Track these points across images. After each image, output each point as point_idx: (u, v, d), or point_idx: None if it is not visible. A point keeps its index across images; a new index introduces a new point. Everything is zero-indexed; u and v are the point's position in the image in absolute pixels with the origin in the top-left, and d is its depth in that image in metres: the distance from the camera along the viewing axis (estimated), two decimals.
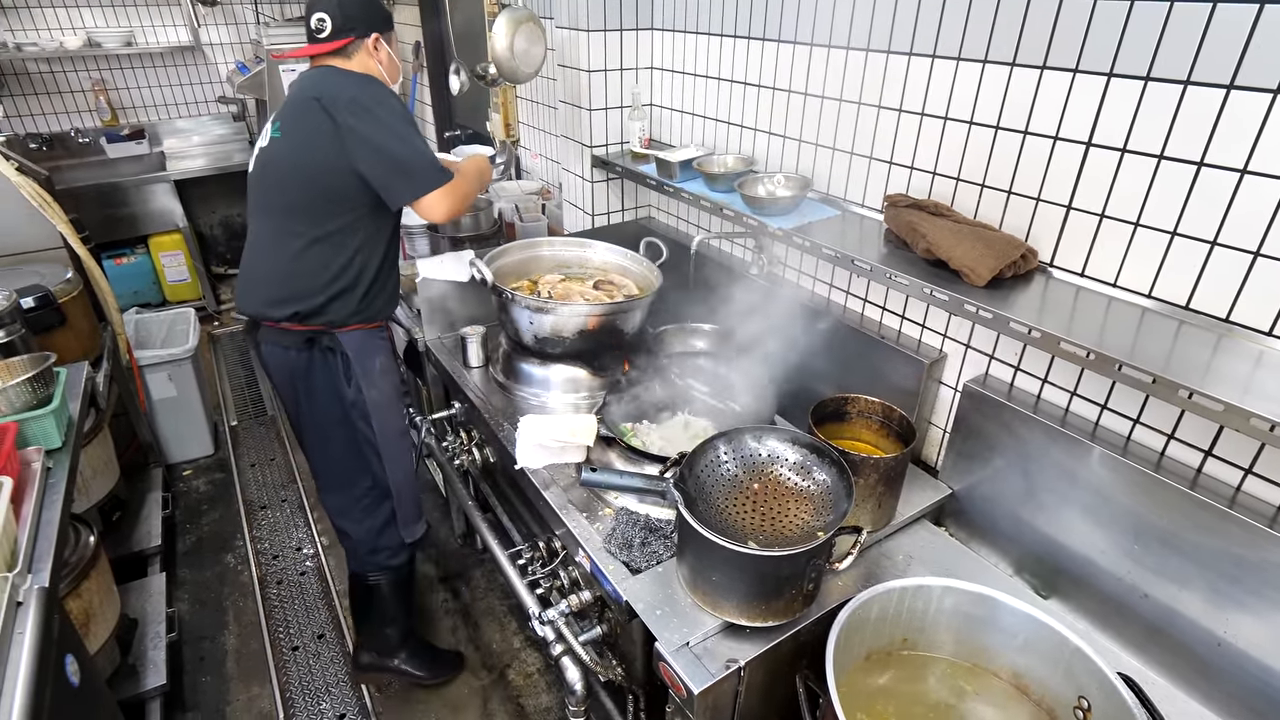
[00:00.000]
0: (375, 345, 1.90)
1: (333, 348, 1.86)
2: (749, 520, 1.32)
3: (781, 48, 1.81)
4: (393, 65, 1.90)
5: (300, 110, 1.74)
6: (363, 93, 1.71)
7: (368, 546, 2.07)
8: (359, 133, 1.67)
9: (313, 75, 1.82)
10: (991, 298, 1.31)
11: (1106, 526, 1.33)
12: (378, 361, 1.89)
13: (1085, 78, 1.23)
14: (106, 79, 4.41)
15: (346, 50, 1.81)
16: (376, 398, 1.89)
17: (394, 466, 1.97)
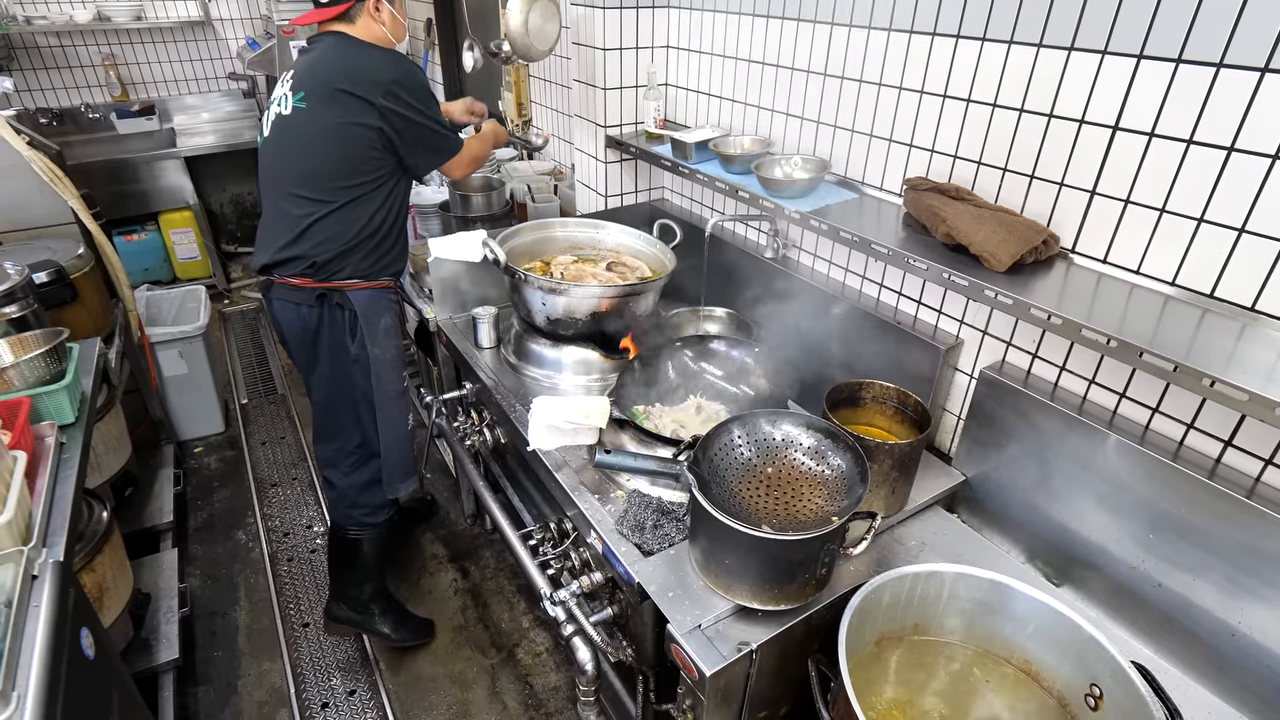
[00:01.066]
0: (383, 305, 1.96)
1: (342, 304, 1.92)
2: (763, 504, 1.31)
3: (800, 26, 1.78)
4: (396, 24, 1.92)
5: (329, 94, 1.79)
6: (396, 75, 1.78)
7: (348, 501, 2.14)
8: (399, 117, 1.79)
9: (327, 47, 1.85)
10: (1012, 283, 1.29)
11: (1122, 515, 1.32)
12: (383, 321, 1.96)
13: (1114, 59, 1.20)
14: (116, 54, 4.39)
15: (349, 14, 1.86)
16: (379, 355, 1.96)
17: (387, 425, 2.03)
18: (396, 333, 2.02)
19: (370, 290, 1.93)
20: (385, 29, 1.90)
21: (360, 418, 2.06)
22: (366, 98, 1.76)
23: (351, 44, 1.86)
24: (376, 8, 1.87)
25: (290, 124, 1.85)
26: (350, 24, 1.86)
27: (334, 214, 1.85)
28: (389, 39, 1.92)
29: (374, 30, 1.89)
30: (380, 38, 1.90)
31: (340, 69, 1.80)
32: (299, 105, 1.83)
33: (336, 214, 1.85)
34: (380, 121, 1.79)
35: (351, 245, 1.88)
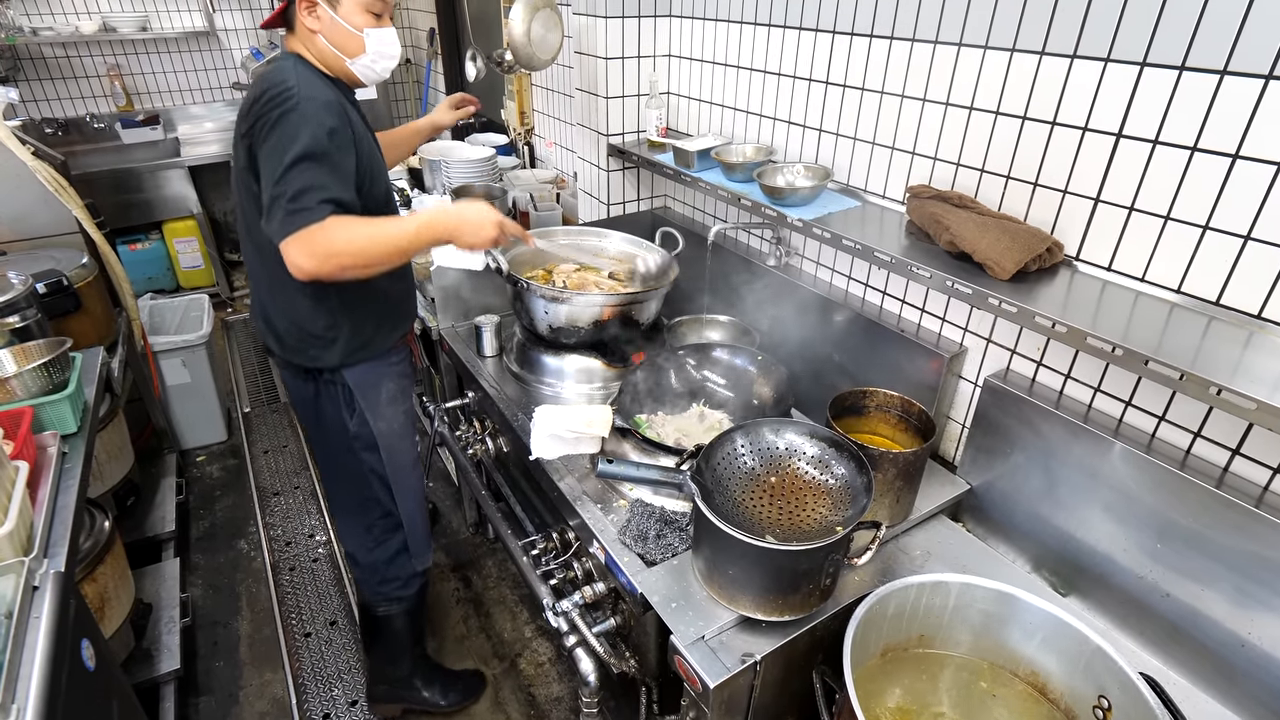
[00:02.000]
0: (381, 374, 1.73)
1: (333, 380, 1.70)
2: (766, 514, 1.31)
3: (802, 35, 1.78)
4: (339, 32, 1.47)
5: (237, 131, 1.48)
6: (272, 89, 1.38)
7: (378, 576, 1.96)
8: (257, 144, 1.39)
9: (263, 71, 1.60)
10: (1015, 291, 1.28)
11: (1128, 524, 1.31)
12: (384, 391, 1.74)
13: (1117, 67, 1.20)
14: (121, 64, 4.42)
15: (288, 19, 1.51)
16: (384, 429, 1.76)
17: (405, 498, 1.87)
18: (403, 398, 1.81)
19: (363, 365, 1.69)
20: (325, 40, 1.47)
21: (375, 492, 1.85)
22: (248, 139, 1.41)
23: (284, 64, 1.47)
24: (308, 10, 1.45)
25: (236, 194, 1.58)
26: (293, 34, 1.52)
27: (287, 296, 1.57)
28: (334, 54, 1.49)
29: (315, 43, 1.49)
30: (325, 54, 1.50)
31: (249, 100, 1.44)
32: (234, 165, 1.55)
33: (289, 296, 1.56)
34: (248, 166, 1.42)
35: (316, 337, 1.61)
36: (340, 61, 1.51)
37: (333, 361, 1.65)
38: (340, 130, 1.41)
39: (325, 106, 1.40)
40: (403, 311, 1.79)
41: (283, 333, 1.64)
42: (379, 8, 1.50)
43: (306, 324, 1.61)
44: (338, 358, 1.64)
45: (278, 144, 1.35)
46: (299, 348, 1.64)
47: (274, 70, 1.45)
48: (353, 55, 1.51)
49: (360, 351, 1.67)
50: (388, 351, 1.74)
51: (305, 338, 1.63)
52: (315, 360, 1.65)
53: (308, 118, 1.36)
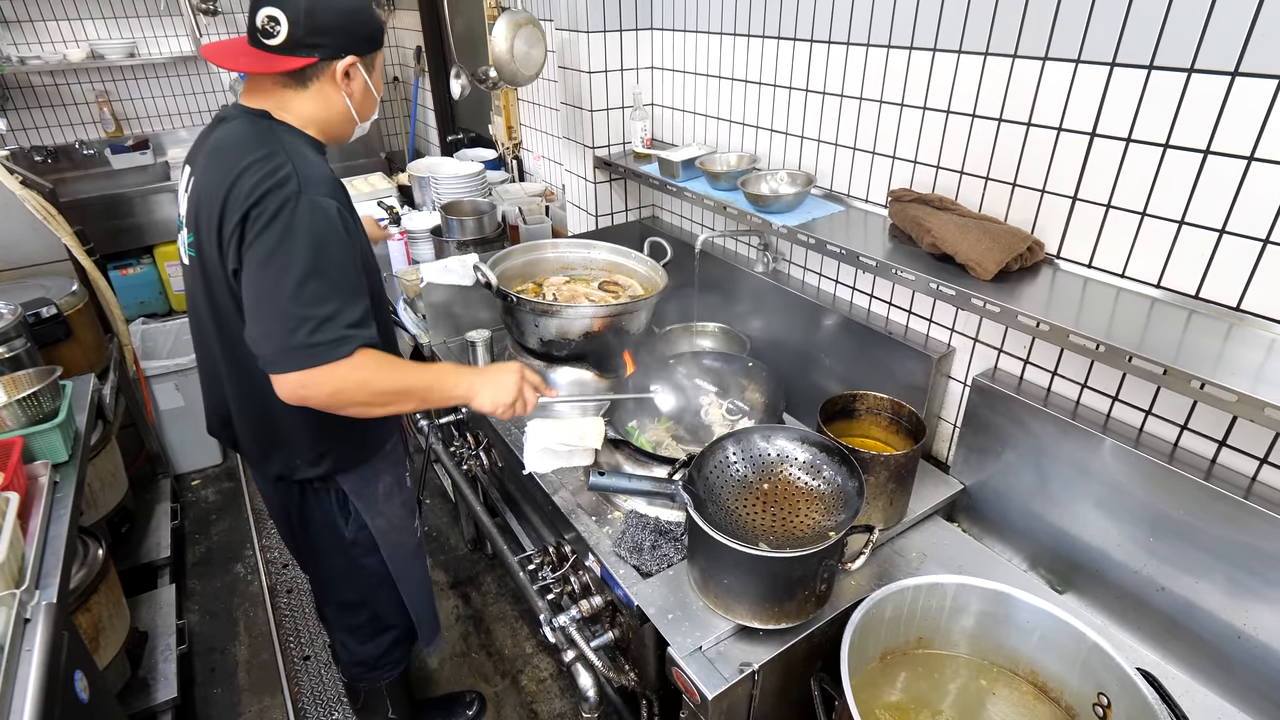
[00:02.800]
0: (378, 469, 1.59)
1: (325, 486, 1.55)
2: (760, 521, 1.31)
3: (781, 44, 1.80)
4: (368, 99, 1.38)
5: (206, 233, 1.27)
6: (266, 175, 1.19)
7: (367, 667, 1.86)
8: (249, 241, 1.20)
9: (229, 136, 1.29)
10: (998, 291, 1.29)
11: (1121, 519, 1.32)
12: (382, 485, 1.60)
13: (1088, 68, 1.22)
14: (110, 90, 4.43)
15: (304, 75, 1.29)
16: (383, 526, 1.62)
17: (409, 589, 1.76)
18: (400, 485, 1.67)
19: (360, 470, 1.55)
20: (351, 103, 1.35)
21: (369, 595, 1.73)
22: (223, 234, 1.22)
23: (260, 141, 1.24)
24: (348, 74, 1.31)
25: (189, 283, 1.39)
26: (296, 89, 1.31)
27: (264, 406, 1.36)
28: (349, 118, 1.37)
29: (332, 104, 1.33)
30: (336, 116, 1.35)
31: (228, 184, 1.21)
32: (191, 255, 1.34)
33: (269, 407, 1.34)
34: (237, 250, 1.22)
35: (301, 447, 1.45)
36: (351, 125, 1.40)
37: (321, 472, 1.49)
38: (345, 214, 1.27)
39: (329, 188, 1.25)
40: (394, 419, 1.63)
41: (255, 442, 1.48)
42: None
43: (290, 438, 1.44)
44: (328, 467, 1.49)
45: (280, 249, 1.17)
46: (278, 459, 1.48)
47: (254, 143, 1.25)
48: (366, 118, 1.42)
49: (354, 456, 1.53)
50: (382, 442, 1.60)
51: (287, 451, 1.46)
52: (299, 473, 1.49)
53: (316, 212, 1.19)
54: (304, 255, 1.17)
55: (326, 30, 1.26)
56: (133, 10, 4.31)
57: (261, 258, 1.18)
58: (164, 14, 4.36)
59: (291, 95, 1.32)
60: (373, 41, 1.35)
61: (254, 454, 1.53)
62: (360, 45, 1.31)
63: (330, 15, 1.25)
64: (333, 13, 1.26)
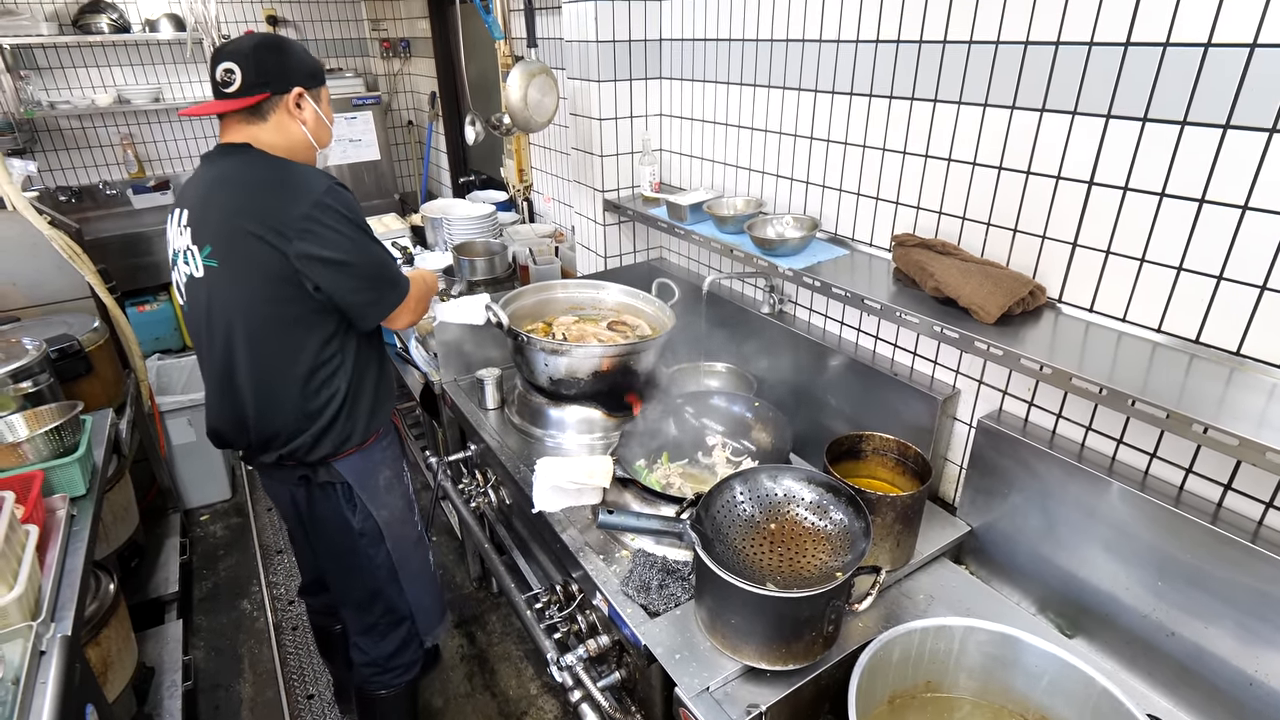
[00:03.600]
0: (376, 461, 1.74)
1: (331, 480, 1.69)
2: (767, 561, 1.31)
3: (786, 94, 1.86)
4: (320, 125, 1.63)
5: (235, 240, 1.48)
6: (307, 207, 1.45)
7: (379, 668, 1.92)
8: (318, 257, 1.46)
9: (228, 171, 1.53)
10: (1001, 334, 1.32)
11: (1129, 563, 1.31)
12: (382, 478, 1.75)
13: (1084, 119, 1.26)
14: (134, 133, 4.57)
15: (261, 109, 1.54)
16: (386, 517, 1.77)
17: (411, 579, 1.86)
18: (399, 479, 1.83)
19: (357, 454, 1.69)
20: (306, 130, 1.60)
21: (380, 587, 1.83)
22: (279, 246, 1.44)
23: (257, 163, 1.52)
24: (298, 104, 1.57)
25: (206, 290, 1.54)
26: (258, 121, 1.55)
27: (285, 386, 1.57)
28: (308, 144, 1.62)
29: (291, 133, 1.58)
30: (298, 143, 1.60)
31: (246, 206, 1.47)
32: (209, 264, 1.51)
33: (288, 386, 1.57)
34: (301, 273, 1.46)
35: (316, 424, 1.60)
36: (312, 152, 1.65)
37: (335, 442, 1.64)
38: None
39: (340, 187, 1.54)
40: (387, 400, 1.78)
41: (284, 435, 1.61)
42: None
43: (318, 409, 1.60)
44: (331, 446, 1.64)
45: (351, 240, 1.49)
46: (303, 444, 1.62)
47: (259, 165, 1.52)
48: (323, 145, 1.68)
49: (357, 433, 1.67)
50: (380, 436, 1.75)
51: (313, 428, 1.61)
52: (317, 450, 1.63)
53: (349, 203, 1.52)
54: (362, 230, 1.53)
55: (271, 71, 1.52)
56: (159, 58, 4.48)
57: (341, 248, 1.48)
58: (188, 61, 4.53)
59: (257, 129, 1.56)
60: (315, 77, 1.61)
61: (265, 443, 1.64)
62: (304, 80, 1.58)
63: (272, 58, 1.53)
64: (274, 56, 1.54)
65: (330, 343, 1.57)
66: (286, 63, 1.56)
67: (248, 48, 1.51)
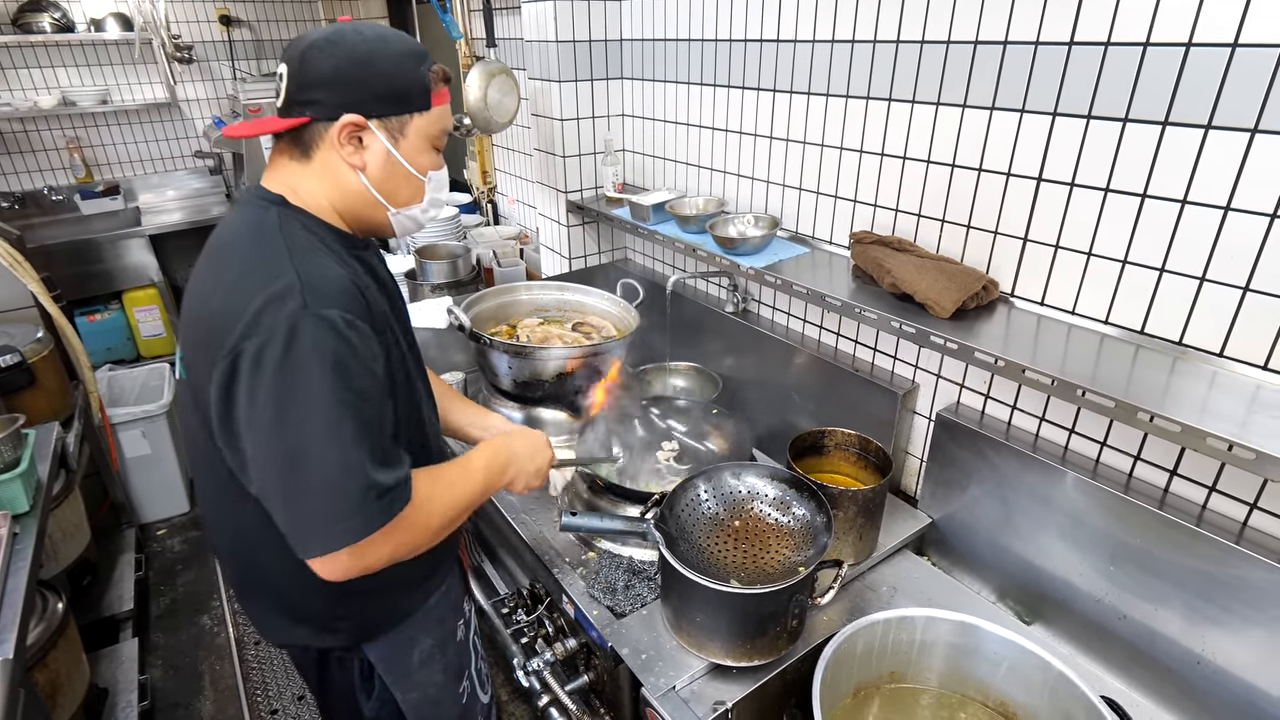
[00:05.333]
0: (415, 632, 1.28)
1: (349, 657, 1.28)
2: (731, 558, 1.32)
3: (746, 94, 1.87)
4: (394, 175, 1.08)
5: (203, 340, 0.99)
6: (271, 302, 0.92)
7: None
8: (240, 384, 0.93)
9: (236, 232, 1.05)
10: (956, 329, 1.34)
11: (1083, 549, 1.35)
12: (418, 653, 1.29)
13: (1032, 117, 1.29)
14: (81, 136, 4.43)
15: (303, 142, 1.04)
16: (415, 699, 1.32)
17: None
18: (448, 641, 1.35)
19: (393, 631, 1.25)
20: (368, 182, 1.06)
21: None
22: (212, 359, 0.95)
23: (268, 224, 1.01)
24: (355, 139, 1.03)
25: (182, 406, 1.14)
26: (302, 161, 1.05)
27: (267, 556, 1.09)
28: (371, 201, 1.08)
29: (341, 180, 1.05)
30: (354, 199, 1.07)
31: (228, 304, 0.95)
32: (182, 375, 1.10)
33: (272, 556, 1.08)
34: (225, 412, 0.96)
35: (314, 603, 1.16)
36: (380, 211, 1.10)
37: (340, 642, 1.23)
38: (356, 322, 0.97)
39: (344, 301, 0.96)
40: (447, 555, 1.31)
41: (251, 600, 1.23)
42: (444, 141, 1.13)
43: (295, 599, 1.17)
44: (348, 637, 1.22)
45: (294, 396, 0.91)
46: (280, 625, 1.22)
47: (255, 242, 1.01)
48: (402, 205, 1.11)
49: (386, 618, 1.23)
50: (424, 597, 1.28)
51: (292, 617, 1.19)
52: (311, 640, 1.23)
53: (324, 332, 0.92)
54: (322, 397, 0.91)
55: (320, 83, 1.00)
56: (106, 59, 4.34)
57: (277, 406, 0.91)
58: (138, 62, 4.40)
59: (299, 171, 1.06)
60: (397, 99, 1.04)
61: (256, 621, 1.25)
62: (373, 103, 1.02)
63: (330, 64, 0.99)
64: (334, 61, 0.99)
65: None
66: (355, 75, 1.00)
67: (305, 43, 1.01)
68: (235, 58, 4.66)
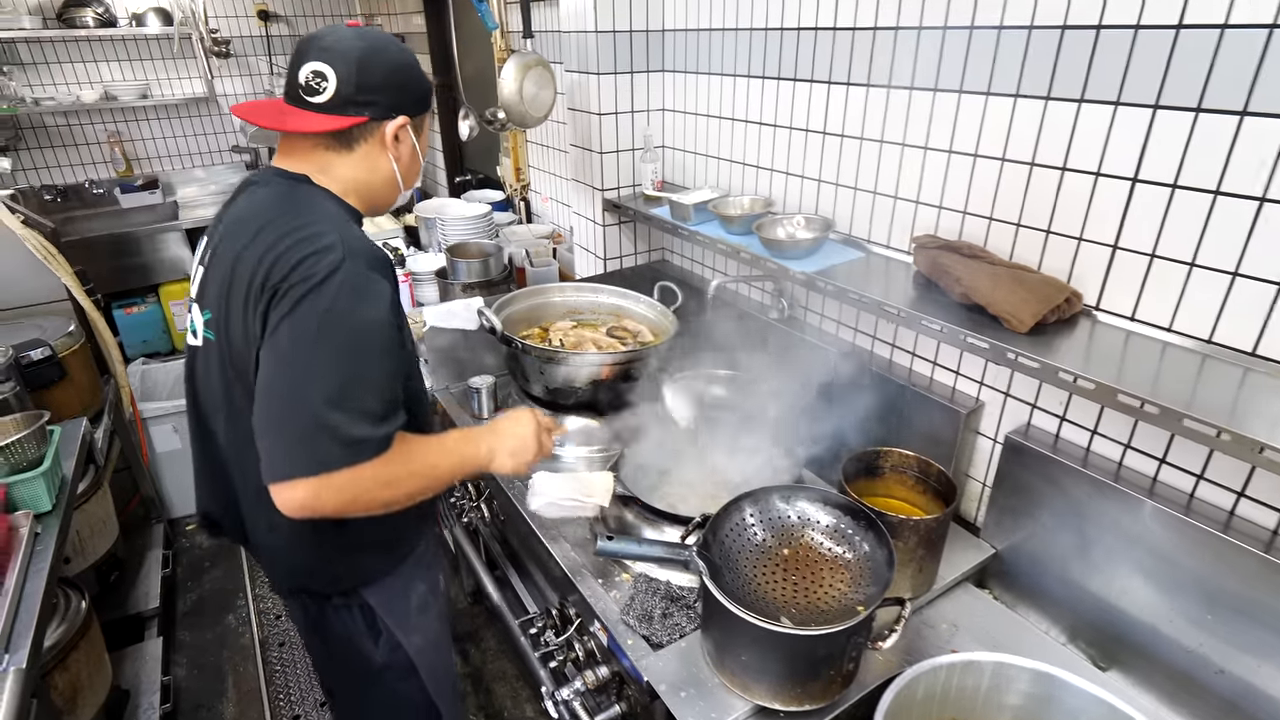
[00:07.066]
0: (409, 578, 1.38)
1: (347, 603, 1.34)
2: (779, 591, 1.21)
3: (798, 86, 1.75)
4: (414, 163, 1.28)
5: (234, 306, 1.11)
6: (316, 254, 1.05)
7: None
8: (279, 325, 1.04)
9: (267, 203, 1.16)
10: (1034, 344, 1.21)
11: (1172, 592, 1.21)
12: (415, 597, 1.40)
13: (1128, 110, 1.16)
14: (122, 130, 4.47)
15: (350, 137, 1.18)
16: (419, 643, 1.41)
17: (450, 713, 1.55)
18: (435, 591, 1.46)
19: (387, 579, 1.35)
20: (398, 167, 1.24)
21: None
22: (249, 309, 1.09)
23: (300, 197, 1.15)
24: (398, 136, 1.21)
25: (204, 366, 1.22)
26: (342, 152, 1.19)
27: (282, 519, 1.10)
28: (394, 184, 1.26)
29: (379, 169, 1.22)
30: (383, 183, 1.24)
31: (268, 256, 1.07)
32: (208, 336, 1.19)
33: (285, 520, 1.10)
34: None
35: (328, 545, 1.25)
36: (395, 193, 1.28)
37: (346, 583, 1.31)
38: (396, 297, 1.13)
39: (379, 265, 1.11)
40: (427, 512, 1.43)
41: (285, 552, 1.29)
42: None
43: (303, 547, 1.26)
44: (350, 581, 1.31)
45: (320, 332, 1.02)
46: (288, 570, 1.32)
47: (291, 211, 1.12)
48: (410, 184, 1.30)
49: (380, 565, 1.33)
50: (414, 544, 1.39)
51: (299, 562, 1.29)
52: (319, 585, 1.32)
53: (363, 288, 1.06)
54: (345, 343, 1.03)
55: (377, 88, 1.16)
56: (147, 53, 4.37)
57: (294, 338, 1.02)
58: (177, 57, 4.42)
59: (335, 158, 1.20)
60: (423, 102, 1.25)
61: (268, 566, 1.39)
62: (411, 106, 1.22)
63: (382, 72, 1.16)
64: (385, 69, 1.16)
65: None
66: (400, 81, 1.19)
67: (353, 51, 1.13)
68: (273, 52, 4.67)
